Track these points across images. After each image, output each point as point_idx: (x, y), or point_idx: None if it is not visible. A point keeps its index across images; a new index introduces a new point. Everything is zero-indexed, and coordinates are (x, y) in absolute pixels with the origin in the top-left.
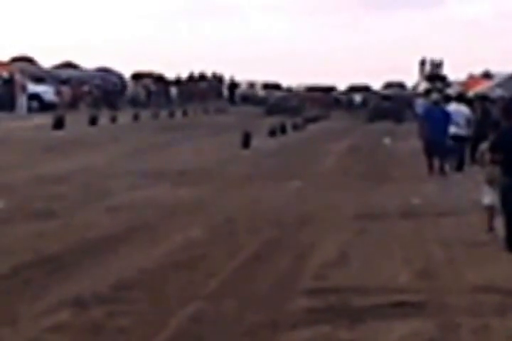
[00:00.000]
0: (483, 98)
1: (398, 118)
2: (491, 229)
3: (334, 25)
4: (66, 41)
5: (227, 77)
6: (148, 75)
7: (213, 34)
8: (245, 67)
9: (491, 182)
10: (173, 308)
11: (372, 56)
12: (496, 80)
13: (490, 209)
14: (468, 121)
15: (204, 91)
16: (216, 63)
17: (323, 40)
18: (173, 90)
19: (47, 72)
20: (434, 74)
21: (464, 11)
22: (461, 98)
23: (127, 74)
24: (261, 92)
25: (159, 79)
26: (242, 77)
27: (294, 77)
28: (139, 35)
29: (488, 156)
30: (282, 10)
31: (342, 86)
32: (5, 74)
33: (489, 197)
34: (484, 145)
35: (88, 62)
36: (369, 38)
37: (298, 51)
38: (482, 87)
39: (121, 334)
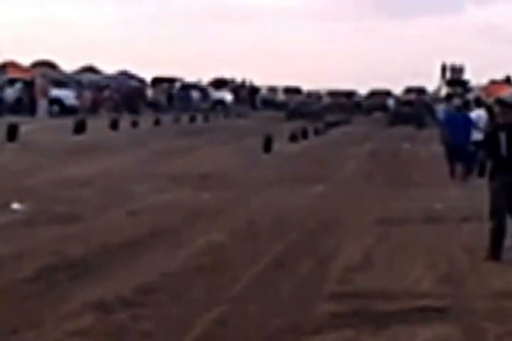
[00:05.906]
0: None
1: (419, 123)
2: None
3: (356, 31)
4: (87, 46)
5: (247, 82)
6: (169, 80)
7: (234, 39)
8: (266, 71)
9: None
10: (197, 312)
11: (394, 61)
12: None
13: None
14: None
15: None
16: (237, 68)
17: (345, 46)
18: (195, 95)
19: (68, 76)
20: (454, 79)
21: (485, 16)
22: (479, 103)
23: (148, 78)
24: (282, 97)
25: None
26: (263, 81)
27: (315, 81)
28: (160, 40)
29: None
30: (304, 17)
31: (363, 91)
32: (26, 78)
33: None
34: None
35: (109, 66)
36: (390, 43)
37: (320, 56)
38: (505, 92)
39: (145, 338)
